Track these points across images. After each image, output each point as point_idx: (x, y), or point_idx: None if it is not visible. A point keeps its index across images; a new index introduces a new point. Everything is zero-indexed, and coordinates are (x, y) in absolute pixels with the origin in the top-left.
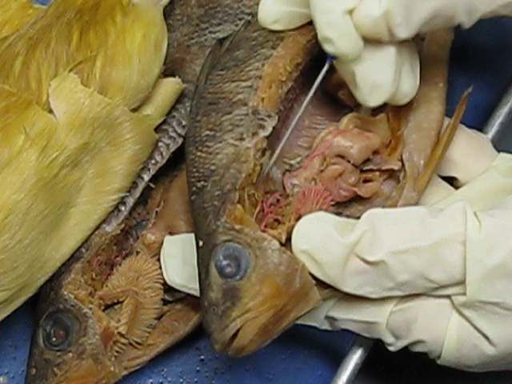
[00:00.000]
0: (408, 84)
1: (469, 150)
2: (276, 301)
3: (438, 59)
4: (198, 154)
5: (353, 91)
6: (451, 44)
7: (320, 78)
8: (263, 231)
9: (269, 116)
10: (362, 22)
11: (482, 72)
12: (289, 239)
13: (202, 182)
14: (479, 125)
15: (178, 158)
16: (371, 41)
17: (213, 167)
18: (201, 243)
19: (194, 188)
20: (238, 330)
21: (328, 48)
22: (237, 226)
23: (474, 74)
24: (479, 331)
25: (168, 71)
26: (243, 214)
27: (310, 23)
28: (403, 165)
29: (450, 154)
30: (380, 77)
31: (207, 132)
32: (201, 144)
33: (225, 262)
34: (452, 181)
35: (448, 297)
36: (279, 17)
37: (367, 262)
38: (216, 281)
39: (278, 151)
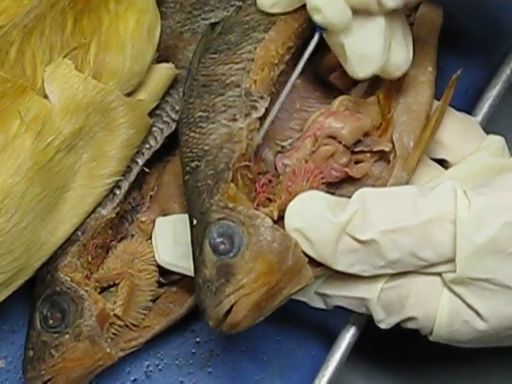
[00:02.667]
0: (401, 56)
1: (458, 133)
2: (269, 277)
3: (427, 43)
4: (192, 134)
5: (343, 64)
6: (440, 29)
7: (310, 49)
8: (256, 210)
9: (261, 97)
10: None
11: (471, 56)
12: (281, 217)
13: (196, 162)
14: (469, 109)
15: (171, 143)
16: (360, 12)
17: (206, 147)
18: (195, 222)
19: (188, 168)
20: (231, 307)
21: (316, 18)
22: (230, 205)
23: (464, 59)
24: (470, 307)
25: (161, 57)
26: (236, 192)
27: (303, 7)
28: (393, 146)
29: (440, 137)
30: (369, 48)
31: (200, 113)
32: (194, 125)
33: (219, 240)
34: (442, 163)
35: (439, 274)
36: (277, 0)
37: (358, 241)
38: (210, 258)
39: (267, 124)
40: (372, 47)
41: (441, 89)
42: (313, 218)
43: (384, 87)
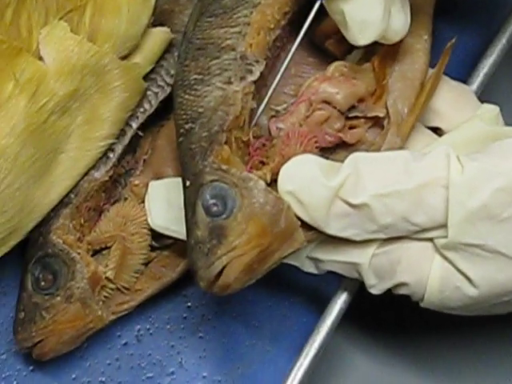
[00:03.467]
0: (399, 21)
1: (452, 101)
2: (261, 240)
3: (422, 12)
4: (186, 96)
5: (343, 32)
6: None
7: (311, 16)
8: (249, 172)
9: (256, 61)
10: None
11: (467, 26)
12: (274, 180)
13: (190, 124)
14: (465, 79)
15: (166, 108)
16: None
17: (201, 109)
18: (188, 183)
19: (182, 130)
20: (223, 268)
21: None
22: (223, 167)
23: (460, 29)
24: (461, 273)
25: (157, 22)
26: (230, 154)
27: None
28: (387, 112)
29: (434, 105)
30: (369, 14)
31: (195, 76)
32: (189, 87)
33: (211, 201)
34: (436, 131)
35: (431, 240)
36: None
37: (351, 205)
38: (202, 219)
39: (267, 97)
40: (372, 13)
41: (436, 58)
42: (306, 181)
43: (379, 54)
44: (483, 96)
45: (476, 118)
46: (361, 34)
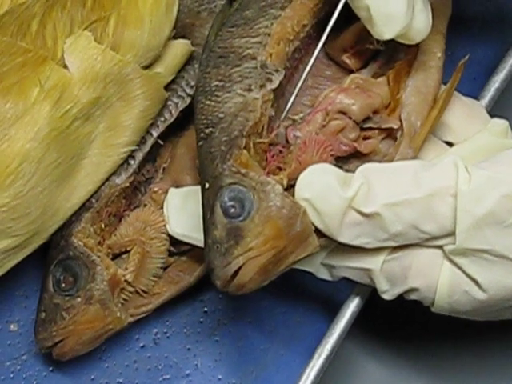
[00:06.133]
0: (421, 21)
1: (463, 116)
2: (277, 242)
3: (436, 30)
4: (207, 102)
5: (368, 28)
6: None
7: (336, 14)
8: (267, 177)
9: (276, 70)
10: None
11: (480, 45)
12: (290, 185)
13: (210, 129)
14: (477, 96)
15: (186, 118)
16: None
17: (221, 115)
18: (207, 185)
19: (202, 134)
20: (239, 268)
21: None
22: (242, 170)
23: (473, 48)
24: (470, 277)
25: (178, 35)
26: (249, 158)
27: None
28: (401, 124)
29: (446, 120)
30: (394, 8)
31: (217, 83)
32: (210, 93)
33: (230, 203)
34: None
35: (440, 247)
36: None
37: (363, 214)
38: (221, 220)
39: (290, 104)
40: (396, 7)
41: (449, 76)
42: (323, 190)
43: (394, 69)
44: (494, 110)
45: (485, 131)
46: (386, 28)
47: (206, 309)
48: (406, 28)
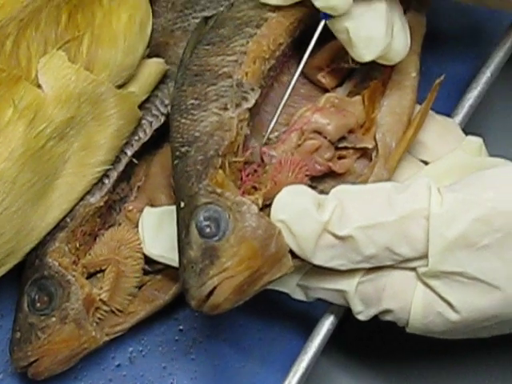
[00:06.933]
0: (400, 42)
1: (437, 134)
2: (252, 262)
3: (411, 51)
4: (183, 120)
5: (348, 50)
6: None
7: (315, 37)
8: (242, 197)
9: (252, 89)
10: None
11: (453, 62)
12: (265, 205)
13: (186, 147)
14: (451, 112)
15: (160, 137)
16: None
17: (197, 134)
18: (182, 204)
19: (178, 153)
20: (214, 288)
21: (318, 3)
22: (218, 190)
23: (445, 62)
24: (443, 299)
25: (152, 54)
26: (224, 178)
27: (295, 6)
28: (376, 144)
29: (421, 139)
30: (373, 30)
31: (192, 101)
32: (186, 112)
33: (205, 223)
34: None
35: (414, 269)
36: None
37: (337, 237)
38: (196, 240)
39: (275, 119)
40: (376, 29)
41: (423, 93)
42: (298, 213)
43: (369, 89)
44: (468, 127)
45: (459, 149)
46: (366, 50)
47: (181, 327)
48: (386, 50)
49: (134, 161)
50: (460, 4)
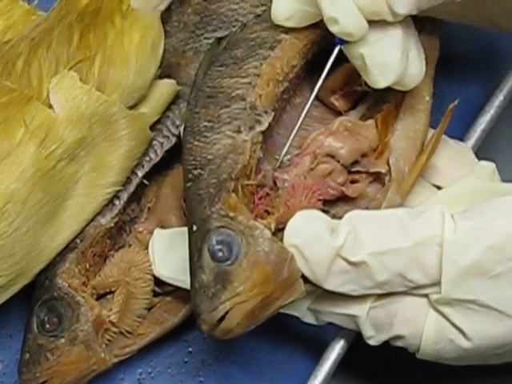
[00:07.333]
0: (416, 68)
1: (450, 159)
2: (264, 287)
3: (425, 74)
4: (196, 143)
5: (363, 76)
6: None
7: (330, 62)
8: (254, 221)
9: (265, 112)
10: (362, 1)
11: (467, 85)
12: (278, 229)
13: (199, 170)
14: (463, 136)
15: (171, 158)
16: (377, 24)
17: (210, 156)
18: (194, 228)
19: (190, 175)
20: (226, 313)
21: (333, 28)
22: (231, 214)
23: (459, 87)
24: (455, 326)
25: (164, 74)
26: (237, 202)
27: (310, 28)
28: (389, 169)
29: (434, 163)
30: (388, 57)
31: (205, 123)
32: (199, 134)
33: (217, 247)
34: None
35: (426, 295)
36: (292, 14)
37: (349, 263)
38: (208, 264)
39: (288, 143)
40: (391, 55)
41: (435, 115)
42: (311, 238)
43: (382, 112)
44: (481, 152)
45: (472, 174)
46: (381, 77)
47: (190, 349)
48: (401, 76)
49: (145, 182)
50: (473, 27)
